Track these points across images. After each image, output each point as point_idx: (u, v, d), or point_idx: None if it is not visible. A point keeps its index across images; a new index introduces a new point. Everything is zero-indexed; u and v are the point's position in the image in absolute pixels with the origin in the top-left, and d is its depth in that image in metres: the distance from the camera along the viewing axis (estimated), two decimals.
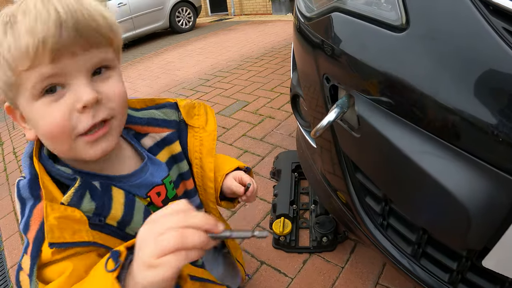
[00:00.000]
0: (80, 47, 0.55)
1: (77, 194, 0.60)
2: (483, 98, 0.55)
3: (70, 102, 0.56)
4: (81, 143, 0.60)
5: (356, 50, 0.75)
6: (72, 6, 0.54)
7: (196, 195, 0.89)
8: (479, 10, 0.56)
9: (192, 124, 0.84)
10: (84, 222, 0.59)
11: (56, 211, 0.56)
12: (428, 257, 0.82)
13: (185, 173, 0.85)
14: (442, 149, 0.61)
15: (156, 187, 0.75)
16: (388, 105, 0.68)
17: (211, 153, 0.84)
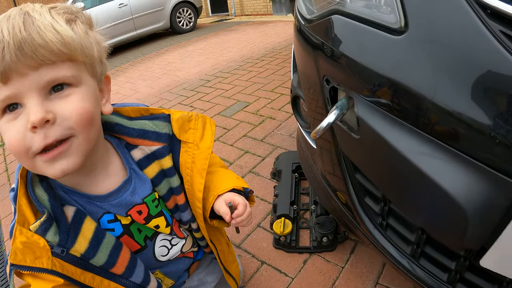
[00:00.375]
0: (27, 67, 0.55)
1: (42, 226, 0.63)
2: (481, 100, 0.55)
3: (24, 122, 0.57)
4: (40, 162, 0.60)
5: (355, 52, 0.76)
6: (18, 27, 0.54)
7: (188, 209, 0.86)
8: (476, 13, 0.57)
9: (185, 139, 0.81)
10: (47, 251, 0.63)
11: (23, 236, 0.61)
12: (427, 257, 0.83)
13: (175, 188, 0.83)
14: (440, 151, 0.62)
15: (136, 206, 0.76)
16: (387, 107, 0.69)
17: (201, 173, 0.80)
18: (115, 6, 8.01)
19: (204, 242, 0.97)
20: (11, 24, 0.54)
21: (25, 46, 0.54)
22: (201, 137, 0.82)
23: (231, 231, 1.68)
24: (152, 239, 0.85)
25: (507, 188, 0.55)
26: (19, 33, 0.54)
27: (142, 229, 0.81)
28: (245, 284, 1.39)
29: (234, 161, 2.29)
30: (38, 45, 0.55)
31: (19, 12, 0.57)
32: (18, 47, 0.53)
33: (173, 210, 0.86)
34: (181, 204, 0.84)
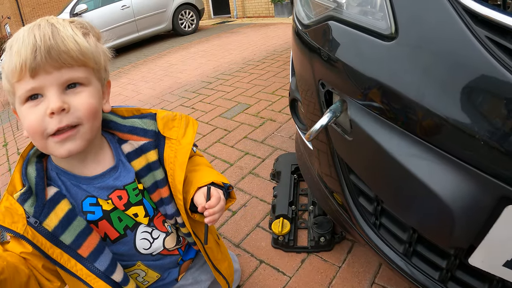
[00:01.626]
0: (52, 67, 0.70)
1: (22, 197, 0.75)
2: (466, 103, 0.58)
3: (43, 109, 0.71)
4: (52, 142, 0.74)
5: (349, 57, 0.79)
6: (47, 34, 0.70)
7: (172, 203, 0.93)
8: (463, 20, 0.59)
9: (169, 135, 0.91)
10: (23, 218, 0.74)
11: (8, 202, 0.74)
12: (419, 256, 0.85)
13: (159, 181, 0.91)
14: (428, 152, 0.64)
15: (116, 190, 0.86)
16: (378, 110, 0.72)
17: (182, 167, 0.89)
18: (117, 8, 8.06)
19: (192, 239, 1.01)
20: (42, 32, 0.69)
21: (52, 51, 0.69)
22: (183, 134, 0.92)
23: (230, 231, 1.71)
24: (132, 229, 0.91)
25: (492, 188, 0.58)
26: (48, 40, 0.69)
27: (122, 218, 0.88)
28: (244, 283, 1.42)
29: (235, 162, 2.31)
30: (62, 51, 0.70)
31: (47, 23, 0.72)
32: (47, 51, 0.68)
33: (158, 204, 0.93)
34: (165, 197, 0.93)
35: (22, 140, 3.95)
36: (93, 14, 7.81)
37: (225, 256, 1.16)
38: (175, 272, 1.07)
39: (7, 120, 5.16)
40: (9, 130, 4.59)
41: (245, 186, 2.05)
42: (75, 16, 7.56)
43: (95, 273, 0.82)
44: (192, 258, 1.12)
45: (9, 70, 0.70)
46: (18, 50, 0.68)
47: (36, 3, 18.87)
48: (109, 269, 0.84)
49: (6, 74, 0.71)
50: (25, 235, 0.74)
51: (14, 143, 3.95)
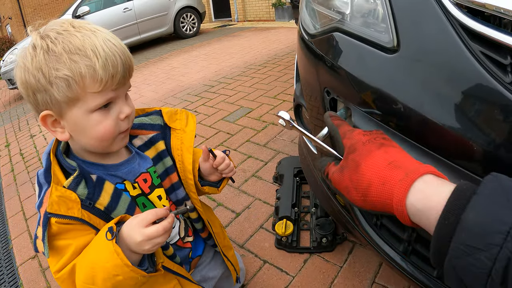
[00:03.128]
0: (127, 79, 0.80)
1: (75, 181, 0.79)
2: (461, 112, 0.63)
3: (116, 114, 0.80)
4: (118, 138, 0.83)
5: (353, 67, 0.84)
6: (126, 52, 0.77)
7: (181, 187, 1.03)
8: (459, 36, 0.65)
9: (174, 126, 1.02)
10: (77, 203, 0.77)
11: (58, 191, 0.75)
12: (417, 254, 0.90)
13: (169, 168, 1.01)
14: (426, 157, 0.69)
15: (142, 174, 0.94)
16: (380, 117, 0.77)
17: (189, 150, 0.99)
18: (119, 11, 8.11)
19: (200, 224, 1.11)
20: (117, 46, 0.75)
21: (130, 66, 0.79)
22: (186, 124, 1.03)
23: (235, 232, 1.75)
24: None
25: None
26: (128, 57, 0.78)
27: (146, 204, 0.95)
28: (248, 282, 1.46)
29: (238, 165, 2.36)
30: (132, 66, 0.80)
31: (103, 33, 0.76)
32: (128, 67, 0.78)
33: (169, 190, 1.02)
34: (175, 182, 1.02)
35: (24, 141, 3.99)
36: (95, 16, 7.86)
37: (230, 245, 1.24)
38: (186, 268, 1.12)
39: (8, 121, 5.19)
40: (11, 131, 4.62)
41: (248, 189, 2.09)
42: (77, 18, 7.61)
43: None
44: (200, 255, 1.17)
45: (90, 80, 0.72)
46: (104, 65, 0.72)
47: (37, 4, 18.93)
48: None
49: (78, 82, 0.71)
50: (83, 218, 0.78)
51: (16, 144, 3.98)
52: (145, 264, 0.80)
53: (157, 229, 0.74)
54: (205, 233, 1.14)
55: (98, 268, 0.73)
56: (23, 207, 2.55)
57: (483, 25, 0.62)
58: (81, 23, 0.76)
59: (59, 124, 0.79)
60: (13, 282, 1.83)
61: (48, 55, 0.71)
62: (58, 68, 0.70)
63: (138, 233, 0.73)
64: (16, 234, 2.23)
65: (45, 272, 1.83)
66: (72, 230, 0.78)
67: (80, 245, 0.78)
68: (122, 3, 8.22)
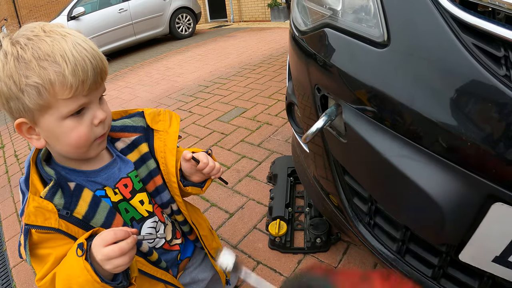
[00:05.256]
0: (99, 84, 0.78)
1: (51, 190, 0.78)
2: (454, 107, 0.61)
3: (89, 119, 0.78)
4: (94, 145, 0.82)
5: (344, 63, 0.82)
6: (96, 55, 0.75)
7: (166, 190, 1.01)
8: (451, 28, 0.63)
9: (157, 128, 1.00)
10: (54, 213, 0.77)
11: (36, 202, 0.76)
12: (412, 254, 0.88)
13: (153, 170, 0.99)
14: (418, 153, 0.68)
15: (122, 179, 0.93)
16: (371, 113, 0.75)
17: (172, 152, 0.98)
18: (115, 11, 8.07)
19: (187, 227, 1.09)
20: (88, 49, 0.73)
21: (102, 70, 0.76)
22: (169, 125, 1.01)
23: (228, 233, 1.73)
24: (139, 222, 0.97)
25: (479, 187, 0.61)
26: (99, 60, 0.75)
27: (129, 210, 0.94)
28: (241, 284, 1.44)
29: (232, 166, 2.34)
30: (105, 69, 0.78)
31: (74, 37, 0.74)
32: (100, 71, 0.76)
33: (154, 193, 1.01)
34: (159, 185, 1.00)
35: (19, 142, 3.95)
36: (91, 17, 7.83)
37: (220, 246, 1.22)
38: (174, 271, 1.10)
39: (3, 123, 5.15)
40: (5, 132, 4.59)
41: (242, 189, 2.07)
42: (73, 19, 7.58)
43: None
44: (189, 257, 1.16)
45: (59, 87, 0.70)
46: (73, 70, 0.70)
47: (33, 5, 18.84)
48: (137, 242, 0.89)
49: (47, 89, 0.70)
50: (60, 228, 0.77)
51: (11, 145, 3.94)
52: (119, 278, 0.78)
53: (113, 249, 0.71)
54: (193, 236, 1.13)
55: (73, 281, 0.73)
56: (17, 209, 2.52)
57: (475, 17, 0.60)
58: (53, 27, 0.74)
59: (34, 131, 0.78)
60: (6, 284, 1.81)
61: (18, 62, 0.69)
62: (28, 76, 0.69)
63: (98, 252, 0.71)
64: (9, 236, 2.20)
65: None
66: (51, 239, 0.78)
67: (59, 254, 0.78)
68: (118, 4, 8.18)
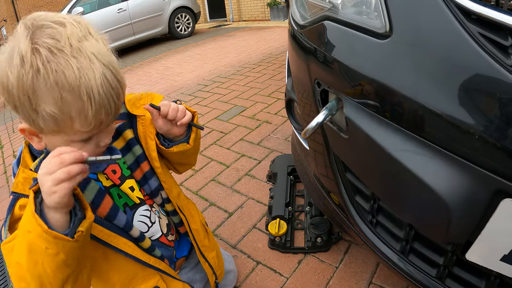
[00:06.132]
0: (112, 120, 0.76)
1: (39, 164, 0.73)
2: (460, 99, 0.59)
3: (95, 143, 0.76)
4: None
5: (344, 56, 0.79)
6: (120, 91, 0.71)
7: (154, 176, 0.99)
8: (456, 17, 0.60)
9: (137, 113, 0.96)
10: None
11: (25, 173, 0.76)
12: (416, 253, 0.85)
13: (139, 156, 0.97)
14: (423, 148, 0.65)
15: (110, 165, 0.92)
16: (373, 107, 0.72)
17: (150, 136, 0.95)
18: (114, 11, 8.06)
19: (177, 218, 1.07)
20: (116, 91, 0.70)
21: (118, 108, 0.73)
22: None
23: (227, 232, 1.71)
24: (132, 209, 0.95)
25: (487, 182, 0.58)
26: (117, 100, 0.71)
27: (122, 195, 0.93)
28: (241, 284, 1.42)
29: (231, 164, 2.32)
30: (120, 106, 0.74)
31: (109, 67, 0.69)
32: (116, 110, 0.72)
33: (142, 181, 0.98)
34: (147, 171, 0.97)
35: (17, 142, 3.94)
36: (90, 17, 7.80)
37: (213, 245, 1.18)
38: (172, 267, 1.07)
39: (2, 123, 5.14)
40: (4, 133, 4.58)
41: (241, 188, 2.05)
42: None
43: (115, 231, 0.85)
44: (185, 256, 1.13)
45: (79, 122, 0.68)
46: (97, 112, 0.68)
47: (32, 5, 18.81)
48: (127, 225, 0.88)
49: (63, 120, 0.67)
50: None
51: (9, 146, 3.93)
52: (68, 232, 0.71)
53: (54, 161, 0.63)
54: (183, 229, 1.10)
55: (20, 228, 0.68)
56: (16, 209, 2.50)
57: (481, 6, 0.57)
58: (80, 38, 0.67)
59: (37, 135, 0.74)
60: (4, 285, 1.80)
61: (37, 81, 0.62)
62: (47, 102, 0.64)
63: (40, 170, 0.64)
64: None
65: None
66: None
67: None
68: (117, 3, 8.16)
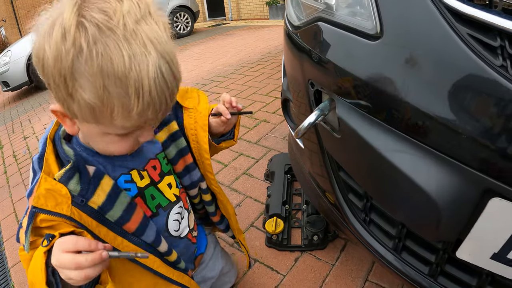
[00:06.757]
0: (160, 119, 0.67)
1: (67, 173, 0.68)
2: (449, 99, 0.60)
3: (135, 137, 0.70)
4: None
5: (336, 57, 0.80)
6: (175, 90, 0.63)
7: (196, 169, 0.98)
8: (445, 18, 0.61)
9: (186, 105, 0.94)
10: (68, 198, 0.67)
11: (48, 184, 0.66)
12: (408, 251, 0.86)
13: (183, 149, 0.94)
14: (413, 148, 0.66)
15: (151, 160, 0.87)
16: (365, 108, 0.73)
17: (204, 128, 0.93)
18: None
19: (213, 207, 1.06)
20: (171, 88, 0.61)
21: (166, 111, 0.64)
22: (198, 103, 0.96)
23: None
24: (166, 209, 0.90)
25: (476, 182, 0.59)
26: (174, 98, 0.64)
27: (156, 196, 0.88)
28: (238, 281, 1.43)
29: (229, 163, 2.33)
30: (169, 107, 0.65)
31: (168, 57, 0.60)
32: (167, 107, 0.63)
33: (183, 173, 0.96)
34: (189, 163, 0.96)
35: (17, 142, 3.95)
36: None
37: (241, 228, 1.19)
38: (190, 267, 1.05)
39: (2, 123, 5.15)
40: (4, 133, 4.59)
41: (239, 187, 2.06)
42: None
43: (142, 247, 0.80)
44: (202, 253, 1.13)
45: (121, 119, 0.59)
46: (143, 111, 0.58)
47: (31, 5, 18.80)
48: (156, 240, 0.83)
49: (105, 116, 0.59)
50: (72, 216, 0.67)
51: (9, 146, 3.94)
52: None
53: (68, 259, 0.60)
54: (217, 217, 1.10)
55: (33, 269, 0.66)
56: (15, 209, 2.52)
57: (470, 7, 0.58)
58: (138, 19, 0.57)
59: (70, 119, 0.66)
60: (5, 284, 1.81)
61: (78, 62, 0.53)
62: (85, 88, 0.55)
63: (54, 255, 0.61)
64: (8, 236, 2.20)
65: None
66: (58, 225, 0.68)
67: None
68: None
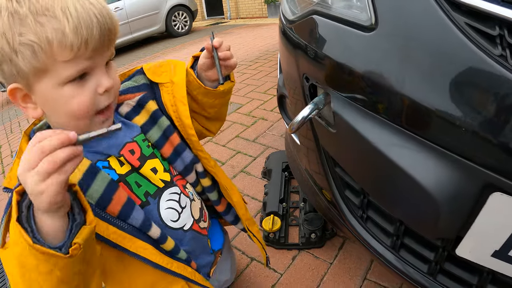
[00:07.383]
0: (106, 46, 0.67)
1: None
2: (447, 91, 0.58)
3: (93, 87, 0.67)
4: (97, 121, 0.71)
5: (331, 50, 0.78)
6: (104, 12, 0.64)
7: (187, 149, 0.90)
8: (441, 7, 0.59)
9: (160, 81, 0.89)
10: None
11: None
12: (407, 248, 0.85)
13: (167, 129, 0.88)
14: (410, 141, 0.64)
15: (127, 144, 0.80)
16: (360, 101, 0.71)
17: (183, 101, 0.87)
18: None
19: (215, 195, 0.98)
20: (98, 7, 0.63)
21: (110, 30, 0.65)
22: (174, 75, 0.89)
23: None
24: (155, 197, 0.84)
25: (476, 176, 0.57)
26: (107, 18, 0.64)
27: (141, 183, 0.82)
28: (235, 280, 1.41)
29: (226, 161, 2.31)
30: (114, 30, 0.67)
31: None
32: (108, 31, 0.65)
33: (173, 157, 0.89)
34: (178, 144, 0.89)
35: (15, 142, 3.93)
36: None
37: (253, 219, 1.10)
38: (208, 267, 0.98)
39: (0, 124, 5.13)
40: (2, 133, 4.57)
41: (236, 184, 2.04)
42: None
43: (129, 232, 0.74)
44: (221, 249, 1.05)
45: (58, 47, 0.59)
46: (75, 27, 0.59)
47: None
48: (144, 224, 0.77)
49: (44, 50, 0.59)
50: None
51: (7, 146, 3.93)
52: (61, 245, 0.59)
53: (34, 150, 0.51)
54: (222, 206, 1.00)
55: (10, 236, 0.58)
56: None
57: None
58: None
59: (30, 99, 0.67)
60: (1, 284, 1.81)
61: (12, 18, 0.59)
62: (22, 33, 0.59)
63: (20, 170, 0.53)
64: None
65: None
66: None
67: None
68: (113, 2, 8.11)
